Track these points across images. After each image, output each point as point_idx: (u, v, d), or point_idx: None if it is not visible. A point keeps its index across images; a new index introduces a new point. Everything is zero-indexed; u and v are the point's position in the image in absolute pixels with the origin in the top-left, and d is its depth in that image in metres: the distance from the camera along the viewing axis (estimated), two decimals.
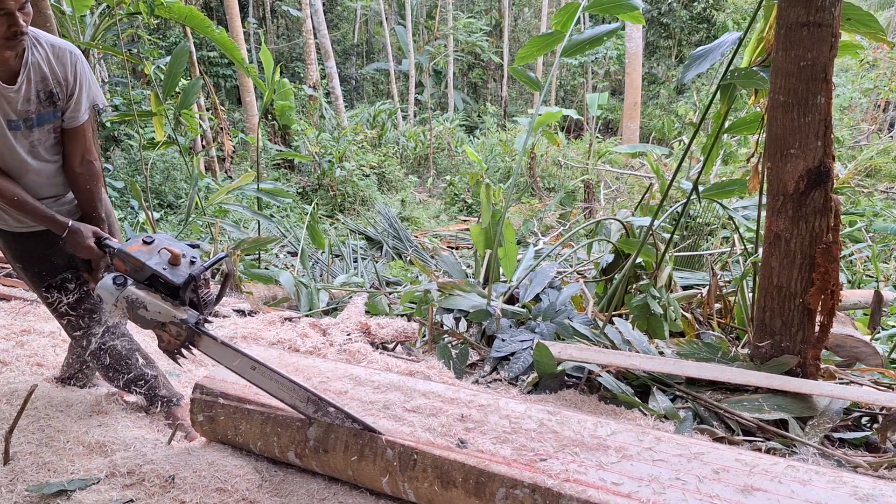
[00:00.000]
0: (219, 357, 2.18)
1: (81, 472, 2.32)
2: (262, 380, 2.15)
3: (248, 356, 2.15)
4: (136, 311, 2.11)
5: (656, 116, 21.39)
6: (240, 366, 2.16)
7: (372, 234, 10.68)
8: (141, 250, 2.16)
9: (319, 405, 2.14)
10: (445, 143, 18.74)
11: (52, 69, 2.30)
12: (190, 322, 2.13)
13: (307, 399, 2.15)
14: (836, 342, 3.58)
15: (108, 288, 2.12)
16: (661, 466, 1.93)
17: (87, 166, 2.49)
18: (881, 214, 8.94)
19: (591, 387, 3.12)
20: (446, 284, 4.28)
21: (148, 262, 2.12)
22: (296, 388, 2.14)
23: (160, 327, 2.14)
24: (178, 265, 2.14)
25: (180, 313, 2.12)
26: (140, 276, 2.14)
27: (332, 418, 2.14)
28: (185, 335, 2.15)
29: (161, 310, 2.11)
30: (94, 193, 2.53)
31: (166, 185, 11.65)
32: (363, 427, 2.10)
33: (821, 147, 2.66)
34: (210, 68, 18.19)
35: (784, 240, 2.78)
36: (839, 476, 1.88)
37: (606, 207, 11.79)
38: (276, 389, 2.16)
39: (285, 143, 15.16)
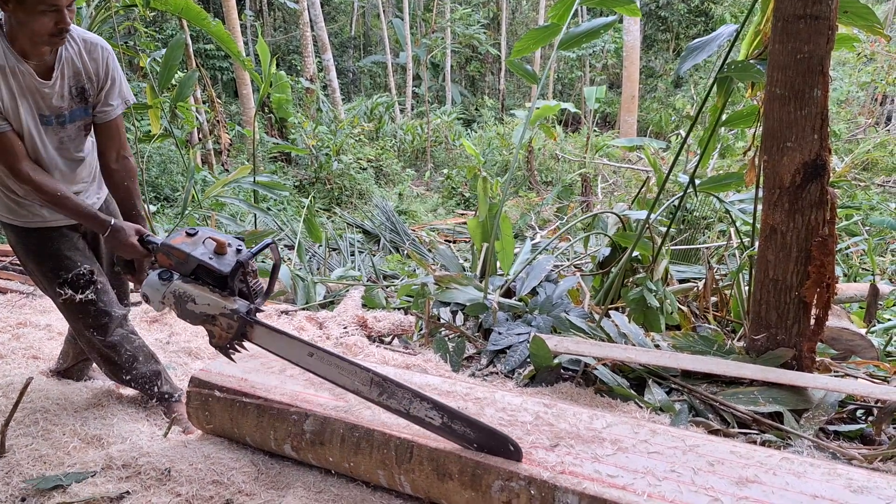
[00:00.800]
0: (273, 347, 2.10)
1: (77, 465, 2.32)
2: (322, 366, 2.06)
3: (307, 343, 2.08)
4: (185, 305, 2.05)
5: (654, 110, 21.39)
6: (297, 354, 2.08)
7: (369, 228, 10.67)
8: (185, 242, 2.10)
9: (384, 387, 2.02)
10: (443, 137, 18.71)
11: (85, 64, 2.29)
12: (241, 312, 2.06)
13: (371, 382, 2.02)
14: (831, 335, 3.59)
15: (154, 285, 2.06)
16: (656, 459, 1.93)
17: (122, 162, 2.48)
18: (877, 208, 8.95)
19: (588, 380, 3.12)
20: (443, 278, 4.28)
21: (193, 253, 2.05)
22: (358, 372, 2.03)
23: (210, 321, 2.07)
24: (225, 254, 2.07)
25: (230, 303, 2.05)
26: (185, 269, 2.08)
27: (398, 400, 2.00)
28: (237, 327, 2.07)
29: (210, 301, 2.04)
30: (131, 190, 2.51)
31: (163, 178, 11.62)
32: (433, 405, 1.97)
33: (817, 140, 2.65)
34: (206, 61, 18.12)
35: (780, 233, 2.79)
36: (834, 468, 1.89)
37: (604, 201, 11.78)
38: (336, 375, 2.06)
39: (282, 136, 15.13)
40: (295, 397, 2.30)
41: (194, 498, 2.11)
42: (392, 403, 2.01)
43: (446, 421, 1.96)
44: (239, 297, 2.10)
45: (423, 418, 1.98)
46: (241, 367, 2.54)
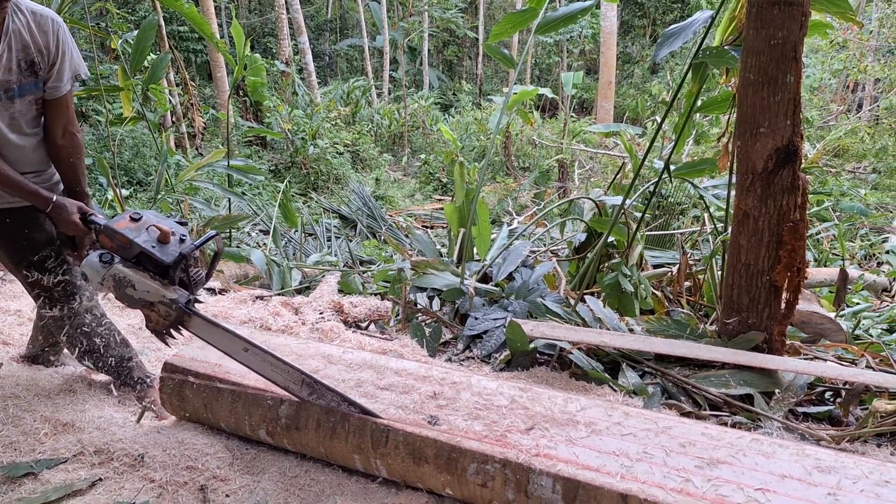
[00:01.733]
0: (209, 338, 2.13)
1: (49, 452, 2.29)
2: (255, 362, 2.10)
3: (241, 337, 2.10)
4: (124, 289, 2.04)
5: (630, 96, 21.46)
6: (231, 347, 2.11)
7: (346, 213, 10.61)
8: (129, 227, 2.08)
9: (315, 388, 2.10)
10: (420, 122, 18.62)
11: (34, 37, 2.22)
12: (180, 302, 2.07)
13: (301, 382, 2.10)
14: (801, 319, 3.66)
15: (93, 266, 2.04)
16: (629, 441, 1.96)
17: (69, 139, 2.43)
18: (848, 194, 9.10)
19: (563, 364, 3.15)
20: (420, 263, 4.27)
21: (136, 240, 2.04)
22: (290, 371, 2.10)
23: (148, 307, 2.08)
24: (168, 243, 2.07)
25: (170, 293, 2.06)
26: (128, 254, 2.07)
27: (327, 401, 2.10)
28: (174, 315, 2.08)
29: (150, 289, 2.04)
30: (77, 167, 2.47)
31: (135, 162, 11.43)
32: (360, 410, 2.07)
33: (790, 126, 2.68)
34: (180, 43, 17.80)
35: (752, 218, 2.82)
36: (802, 449, 1.93)
37: (580, 187, 11.83)
38: (269, 372, 2.11)
39: (257, 120, 14.94)
40: (269, 383, 2.28)
41: (168, 484, 2.10)
42: (321, 403, 2.12)
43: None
44: (179, 286, 2.11)
45: None
46: (216, 353, 2.51)
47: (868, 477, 1.77)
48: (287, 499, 2.03)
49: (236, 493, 2.08)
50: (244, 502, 2.00)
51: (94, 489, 2.11)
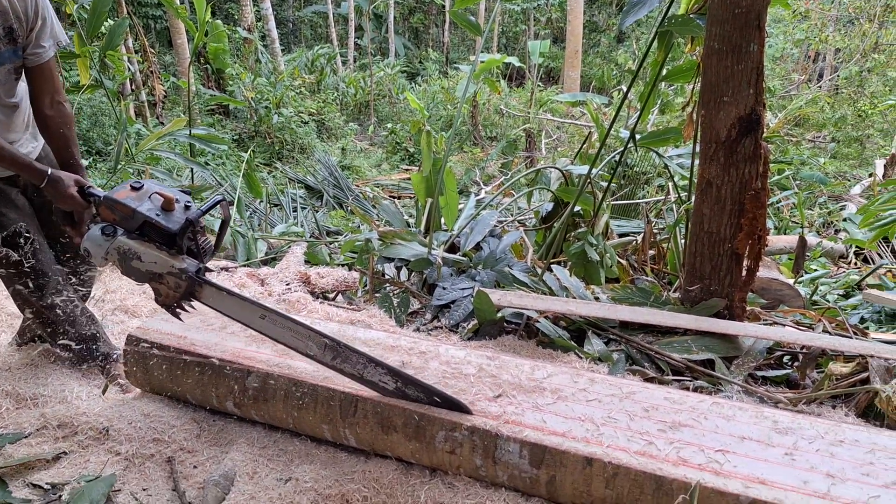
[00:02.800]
0: (224, 308, 2.03)
1: (11, 427, 2.26)
2: (274, 329, 2.00)
3: (258, 304, 2.02)
4: (130, 262, 1.95)
5: (597, 65, 21.49)
6: (248, 316, 2.01)
7: (312, 183, 10.48)
8: (130, 196, 1.98)
9: (338, 351, 1.98)
10: (386, 90, 18.41)
11: (12, 3, 2.12)
12: (190, 271, 1.97)
13: (324, 346, 1.99)
14: (761, 285, 3.74)
15: (96, 240, 1.95)
16: (594, 406, 2.00)
17: (57, 108, 2.34)
18: (808, 163, 9.28)
19: (530, 332, 3.18)
20: (387, 233, 4.26)
21: (139, 209, 1.94)
22: (312, 335, 1.99)
23: (157, 280, 1.98)
24: (172, 210, 1.97)
25: (178, 262, 1.97)
26: (131, 225, 1.97)
27: (352, 364, 1.99)
28: (185, 286, 1.98)
29: (157, 260, 1.95)
30: (68, 138, 2.38)
31: (94, 132, 11.13)
32: (387, 370, 1.97)
33: (752, 95, 2.71)
34: (138, 9, 17.24)
35: (715, 186, 2.86)
36: (761, 412, 1.99)
37: (548, 156, 11.86)
38: (289, 338, 2.01)
39: (219, 88, 14.61)
40: (237, 354, 2.27)
41: (134, 456, 2.09)
42: (346, 367, 1.99)
43: (400, 386, 1.97)
44: (187, 255, 2.02)
45: (376, 383, 1.98)
46: (180, 325, 2.48)
47: (823, 437, 1.84)
48: (256, 469, 2.03)
49: (204, 465, 2.07)
50: (212, 473, 2.00)
51: (58, 462, 2.09)
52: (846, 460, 1.73)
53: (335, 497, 1.87)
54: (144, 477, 2.03)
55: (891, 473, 1.67)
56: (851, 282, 4.70)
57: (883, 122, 12.72)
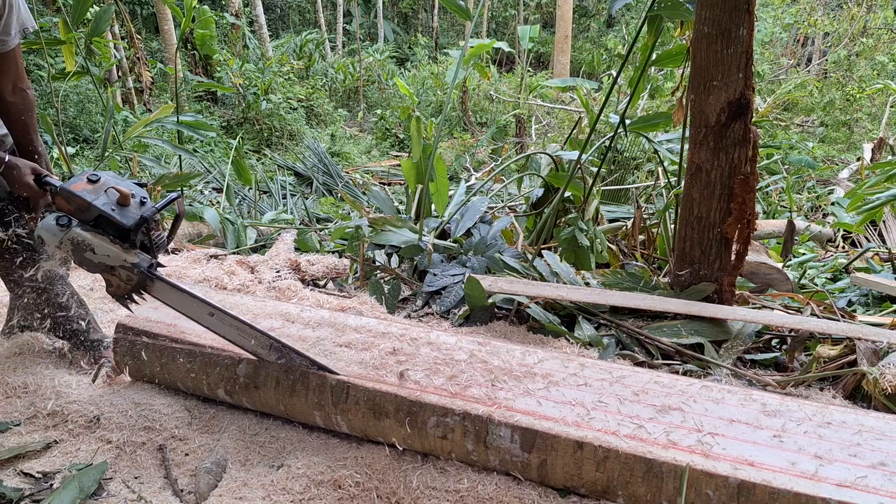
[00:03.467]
0: (173, 303, 2.08)
1: (1, 417, 2.24)
2: (221, 326, 2.06)
3: (206, 302, 2.05)
4: (83, 253, 1.97)
5: (587, 50, 21.42)
6: (196, 312, 2.06)
7: (301, 170, 10.43)
8: (86, 189, 1.99)
9: (283, 352, 2.08)
10: (376, 76, 18.30)
11: None
12: (142, 266, 2.01)
13: (269, 346, 2.09)
14: (750, 269, 3.76)
15: (50, 229, 1.96)
16: (585, 391, 2.01)
17: (19, 95, 2.32)
18: (797, 147, 9.31)
19: (521, 318, 3.19)
20: (377, 220, 4.25)
21: (95, 202, 1.96)
22: (258, 335, 2.08)
23: (109, 271, 2.01)
24: (128, 206, 1.99)
25: (131, 257, 2.00)
26: (86, 217, 1.98)
27: (296, 364, 2.09)
28: (136, 280, 2.02)
29: (110, 253, 1.97)
30: (28, 125, 2.36)
31: (81, 119, 11.01)
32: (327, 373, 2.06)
33: (742, 79, 2.71)
34: None
35: (705, 171, 2.86)
36: (749, 394, 2.01)
37: (538, 142, 11.84)
38: (236, 336, 2.08)
39: (207, 75, 14.47)
40: (227, 342, 2.26)
41: (126, 444, 2.08)
42: (290, 367, 2.10)
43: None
44: (140, 249, 2.05)
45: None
46: (170, 313, 2.48)
47: (811, 419, 1.86)
48: (248, 456, 2.04)
49: (196, 452, 2.07)
50: (204, 461, 2.00)
51: (49, 451, 2.08)
52: (834, 442, 1.75)
53: (327, 483, 1.87)
54: (136, 465, 2.02)
55: (877, 454, 1.69)
56: (839, 265, 4.74)
57: (871, 107, 12.77)
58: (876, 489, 1.56)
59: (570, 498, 1.82)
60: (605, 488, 1.76)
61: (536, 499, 1.80)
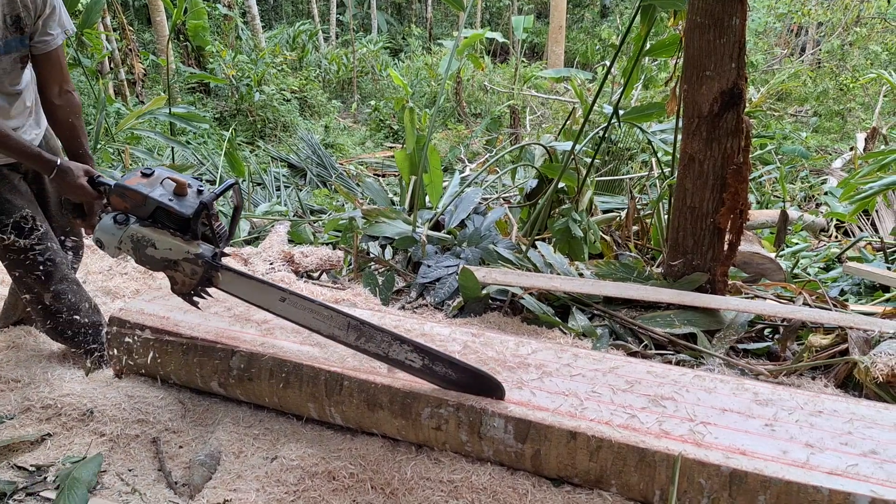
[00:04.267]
0: (242, 293, 2.00)
1: None
2: (295, 312, 1.97)
3: (279, 287, 1.99)
4: (144, 250, 1.91)
5: (581, 40, 21.35)
6: (268, 300, 1.99)
7: (295, 162, 10.39)
8: (141, 183, 1.94)
9: (362, 330, 1.94)
10: (369, 67, 18.23)
11: None
12: (206, 256, 1.94)
13: (347, 326, 1.95)
14: (743, 259, 3.77)
15: (108, 229, 1.91)
16: (578, 381, 2.01)
17: (66, 97, 2.31)
18: (790, 137, 9.33)
19: (515, 309, 3.19)
20: (371, 211, 4.24)
21: (151, 195, 1.91)
22: (334, 316, 1.95)
23: (172, 267, 1.95)
24: (185, 195, 1.94)
25: (194, 248, 1.93)
26: (143, 213, 1.93)
27: (377, 343, 1.95)
28: (201, 272, 1.95)
29: (172, 246, 1.92)
30: (76, 127, 2.34)
31: None
32: (413, 347, 1.92)
33: (734, 69, 2.71)
34: None
35: (698, 161, 2.87)
36: (742, 384, 2.02)
37: (532, 133, 11.82)
38: (311, 321, 1.97)
39: (200, 66, 14.39)
40: (220, 334, 2.26)
41: (119, 437, 2.09)
42: (370, 347, 1.96)
43: (427, 363, 1.93)
44: (202, 240, 1.99)
45: (402, 361, 1.94)
46: (163, 305, 2.48)
47: (803, 408, 1.87)
48: (242, 448, 2.04)
49: (190, 445, 2.08)
50: (198, 453, 2.00)
51: (43, 444, 2.08)
52: (825, 430, 1.76)
53: (321, 474, 1.88)
54: (130, 457, 2.02)
55: (868, 442, 1.71)
56: (832, 255, 4.75)
57: (864, 96, 12.79)
58: (867, 477, 1.57)
59: (564, 487, 1.82)
60: (598, 478, 1.77)
61: (530, 488, 1.81)
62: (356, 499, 1.82)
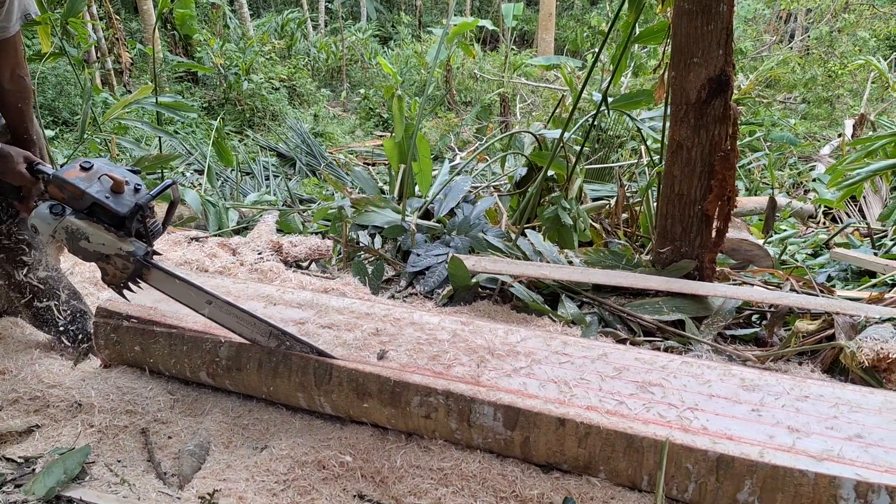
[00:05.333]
0: (170, 291, 2.05)
1: None
2: (220, 315, 2.04)
3: (204, 290, 2.03)
4: (77, 242, 1.94)
5: (570, 28, 21.30)
6: (194, 301, 2.03)
7: (284, 151, 10.34)
8: (79, 177, 1.95)
9: (282, 339, 2.07)
10: (358, 55, 18.13)
11: None
12: (138, 254, 1.98)
13: (269, 333, 2.07)
14: (731, 246, 3.79)
15: (44, 217, 1.93)
16: (567, 368, 2.02)
17: (17, 82, 2.27)
18: (778, 124, 9.35)
19: (504, 297, 3.20)
20: (360, 200, 4.23)
21: (88, 190, 1.92)
22: (257, 323, 2.06)
23: (104, 260, 1.98)
24: (122, 193, 1.96)
25: (126, 245, 1.96)
26: (80, 206, 1.95)
27: (296, 351, 2.07)
28: (132, 268, 1.99)
29: (105, 241, 1.94)
30: (24, 113, 2.31)
31: (60, 101, 10.84)
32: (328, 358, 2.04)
33: (722, 56, 2.71)
34: None
35: (686, 148, 2.87)
36: (729, 369, 2.03)
37: (522, 121, 11.80)
38: (234, 324, 2.06)
39: (187, 55, 14.27)
40: (208, 324, 2.25)
41: (108, 428, 2.08)
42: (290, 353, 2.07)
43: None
44: (136, 237, 2.02)
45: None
46: (151, 296, 2.46)
47: (789, 393, 1.88)
48: (231, 438, 2.04)
49: (179, 435, 2.07)
50: (187, 444, 1.99)
51: (31, 436, 2.07)
52: (811, 415, 1.77)
53: (311, 464, 1.88)
54: (119, 448, 2.02)
55: (854, 426, 1.72)
56: (820, 241, 4.78)
57: (852, 83, 12.83)
58: (852, 461, 1.59)
59: (553, 474, 1.83)
60: (586, 464, 1.78)
61: (519, 475, 1.82)
62: (346, 487, 1.82)
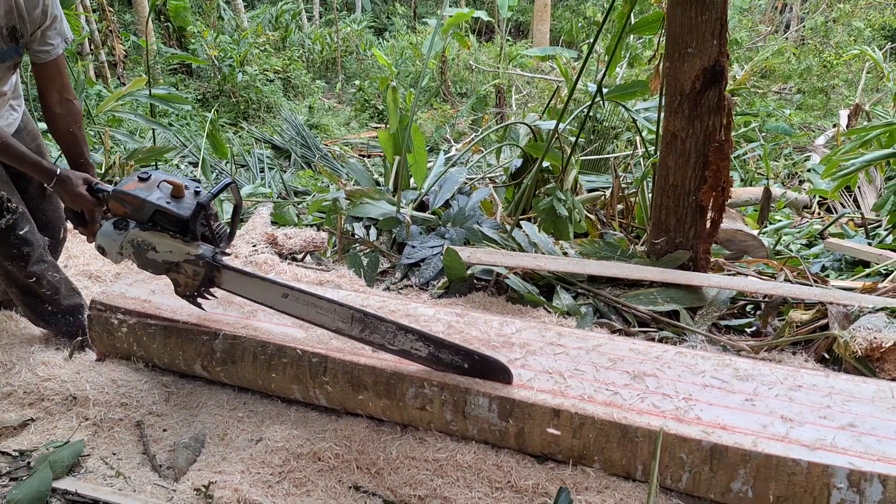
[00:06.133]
0: (244, 291, 2.02)
1: None
2: (298, 307, 1.97)
3: (280, 283, 2.00)
4: (145, 254, 1.95)
5: (566, 19, 21.22)
6: (270, 297, 1.99)
7: (279, 143, 10.29)
8: (139, 187, 1.97)
9: (366, 322, 1.93)
10: (353, 46, 18.03)
11: (18, 1, 2.05)
12: (206, 256, 1.97)
13: (351, 318, 1.94)
14: (726, 237, 3.79)
15: (109, 235, 1.95)
16: (562, 359, 2.03)
17: (66, 106, 2.29)
18: (774, 114, 9.35)
19: (500, 288, 3.20)
20: (355, 192, 4.22)
21: (149, 199, 1.94)
22: (338, 309, 1.95)
23: (174, 269, 1.98)
24: (182, 197, 1.97)
25: (193, 248, 1.96)
26: (142, 217, 1.97)
27: (381, 335, 1.93)
28: (203, 273, 1.98)
29: (172, 248, 1.95)
30: (77, 136, 2.32)
31: None
32: (418, 336, 1.91)
33: (716, 46, 2.71)
34: None
35: (680, 139, 2.87)
36: (722, 359, 2.04)
37: (518, 112, 11.77)
38: (314, 315, 1.97)
39: (181, 47, 14.19)
40: (202, 317, 2.25)
41: (103, 421, 2.08)
42: (375, 338, 1.95)
43: (433, 351, 1.92)
44: (202, 241, 2.01)
45: (408, 350, 1.93)
46: (144, 288, 2.46)
47: (782, 383, 1.89)
48: (226, 430, 2.04)
49: (174, 428, 2.07)
50: (183, 436, 2.00)
51: (25, 429, 2.07)
52: (804, 404, 1.78)
53: (307, 456, 1.88)
54: (114, 441, 2.02)
55: (847, 416, 1.73)
56: (814, 231, 4.80)
57: (847, 73, 12.82)
58: (845, 450, 1.60)
59: (548, 464, 1.84)
60: (581, 454, 1.79)
61: (514, 465, 1.83)
62: (342, 479, 1.83)
